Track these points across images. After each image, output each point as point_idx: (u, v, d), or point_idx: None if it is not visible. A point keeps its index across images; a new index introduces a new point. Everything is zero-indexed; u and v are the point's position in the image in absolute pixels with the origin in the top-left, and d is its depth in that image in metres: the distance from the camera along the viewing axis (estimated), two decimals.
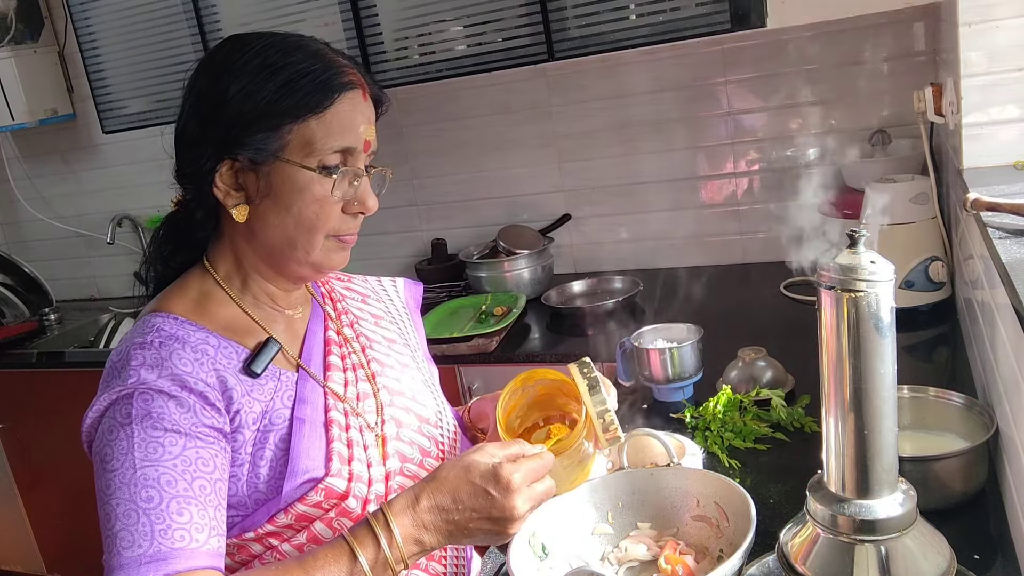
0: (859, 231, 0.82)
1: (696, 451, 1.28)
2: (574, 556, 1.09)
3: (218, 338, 0.99)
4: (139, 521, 0.83)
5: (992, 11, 1.37)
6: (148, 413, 0.88)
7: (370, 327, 1.19)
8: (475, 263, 2.63)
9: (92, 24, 3.25)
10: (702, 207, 2.63)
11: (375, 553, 0.85)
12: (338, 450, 0.99)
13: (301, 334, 1.09)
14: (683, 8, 2.46)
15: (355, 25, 2.80)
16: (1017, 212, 1.10)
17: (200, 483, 0.88)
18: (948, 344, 1.80)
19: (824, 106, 2.40)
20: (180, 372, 0.92)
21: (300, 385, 1.02)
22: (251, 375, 0.98)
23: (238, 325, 1.02)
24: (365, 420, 1.06)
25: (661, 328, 1.76)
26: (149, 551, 0.82)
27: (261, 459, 0.95)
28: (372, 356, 1.14)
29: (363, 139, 0.99)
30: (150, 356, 0.92)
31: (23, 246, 3.72)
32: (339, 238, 1.02)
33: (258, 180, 0.97)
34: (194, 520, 0.85)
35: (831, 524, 0.87)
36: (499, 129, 2.79)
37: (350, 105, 0.98)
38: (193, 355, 0.95)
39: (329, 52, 1.00)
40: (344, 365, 1.09)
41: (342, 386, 1.06)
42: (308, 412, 1.00)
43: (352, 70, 1.00)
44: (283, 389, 1.00)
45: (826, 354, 0.86)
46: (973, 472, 1.18)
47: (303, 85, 0.95)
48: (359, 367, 1.11)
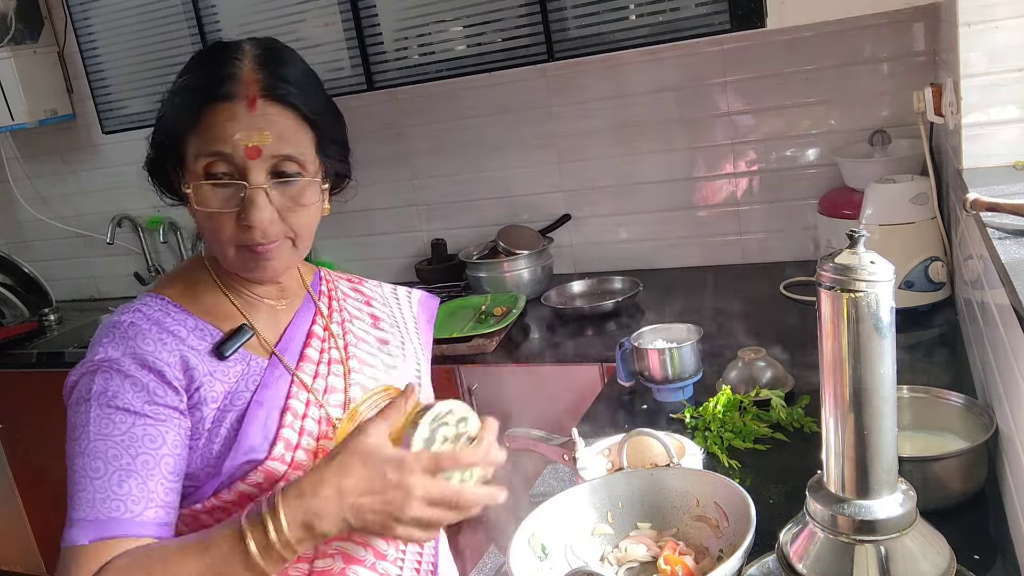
0: (859, 231, 0.82)
1: (696, 451, 1.28)
2: (574, 556, 1.09)
3: (197, 320, 1.05)
4: (87, 488, 0.92)
5: (992, 11, 1.37)
6: (105, 391, 0.96)
7: (364, 327, 1.20)
8: (475, 263, 2.63)
9: (92, 24, 3.25)
10: (702, 207, 2.63)
11: (263, 536, 0.87)
12: (286, 436, 1.03)
13: (283, 324, 1.12)
14: (683, 8, 2.46)
15: (355, 25, 2.80)
16: (1017, 212, 1.10)
17: (144, 458, 0.94)
18: (948, 344, 1.80)
19: (824, 106, 2.40)
20: (142, 351, 0.99)
21: (268, 372, 1.06)
22: (219, 357, 1.04)
23: (219, 310, 1.08)
24: (328, 412, 1.08)
25: (661, 328, 1.77)
26: (89, 516, 0.91)
27: (216, 436, 1.00)
28: (354, 354, 1.15)
29: (240, 147, 0.97)
30: (118, 334, 1.00)
31: (23, 246, 3.72)
32: (251, 249, 1.01)
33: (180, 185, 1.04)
34: (132, 492, 0.93)
35: (831, 524, 0.87)
36: (499, 129, 2.79)
37: (226, 115, 0.97)
38: (159, 335, 1.01)
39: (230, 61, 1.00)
40: (320, 359, 1.12)
41: (311, 377, 1.09)
42: (268, 396, 1.04)
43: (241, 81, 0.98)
44: (250, 374, 1.05)
45: (826, 354, 0.86)
46: (973, 472, 1.19)
47: (181, 102, 1.00)
48: (336, 362, 1.13)
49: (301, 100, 1.01)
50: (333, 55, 2.88)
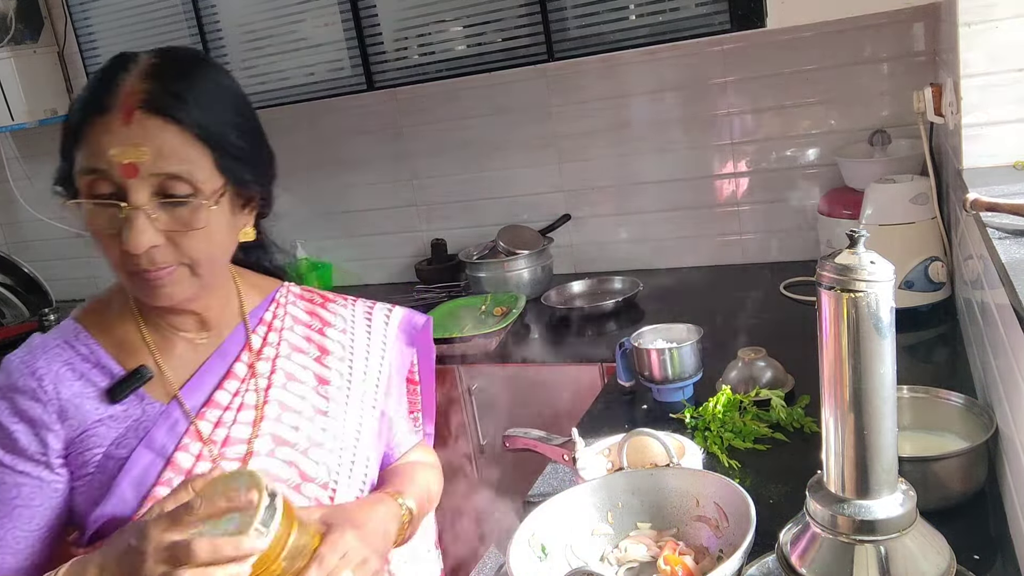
0: (859, 231, 0.82)
1: (696, 451, 1.28)
2: (574, 556, 1.09)
3: (101, 354, 1.00)
4: None
5: (992, 11, 1.37)
6: None
7: (303, 361, 1.09)
8: (475, 263, 2.63)
9: (92, 24, 3.25)
10: (702, 207, 2.63)
11: None
12: (159, 494, 0.94)
13: (199, 361, 1.04)
14: (683, 8, 2.46)
15: (355, 25, 2.80)
16: (1017, 212, 1.10)
17: None
18: (948, 344, 1.80)
19: (824, 106, 2.40)
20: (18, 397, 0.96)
21: (160, 419, 0.99)
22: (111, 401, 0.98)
23: (129, 344, 1.01)
24: (222, 467, 0.98)
25: (661, 328, 1.76)
26: None
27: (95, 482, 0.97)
28: (276, 397, 1.05)
29: (116, 163, 0.88)
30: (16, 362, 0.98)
31: (22, 246, 3.72)
32: (141, 276, 0.93)
33: None
34: None
35: (831, 524, 0.87)
36: (499, 129, 2.79)
37: (101, 129, 0.90)
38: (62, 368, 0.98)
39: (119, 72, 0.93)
40: (231, 403, 1.02)
41: (212, 425, 1.00)
42: (156, 447, 0.98)
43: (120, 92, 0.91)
44: (143, 419, 0.99)
45: (826, 354, 0.86)
46: (973, 472, 1.19)
47: (73, 114, 0.94)
48: (247, 408, 1.03)
49: (189, 114, 0.91)
50: (333, 55, 2.88)
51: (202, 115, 0.92)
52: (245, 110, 1.00)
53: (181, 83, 0.93)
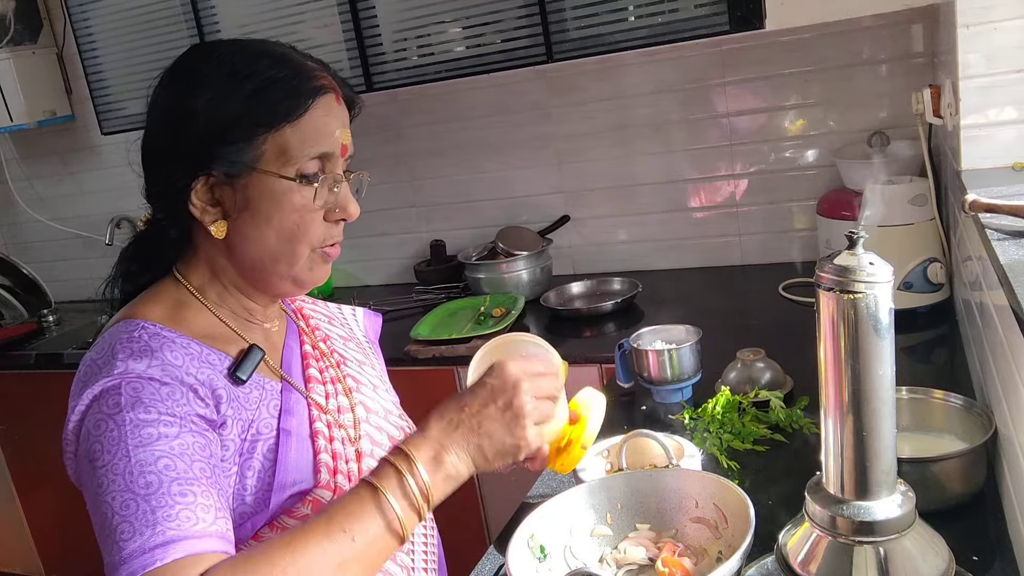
0: (858, 232, 0.82)
1: (695, 452, 1.28)
2: (572, 557, 1.09)
3: (199, 344, 0.94)
4: (139, 509, 0.77)
5: (990, 13, 1.37)
6: (139, 399, 0.83)
7: (340, 345, 1.17)
8: (474, 264, 2.63)
9: (91, 25, 3.25)
10: (701, 208, 2.63)
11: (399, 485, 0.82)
12: (325, 461, 0.97)
13: (279, 346, 1.06)
14: (682, 10, 2.46)
15: (354, 26, 2.80)
16: (1015, 214, 1.10)
17: (199, 465, 0.82)
18: (947, 346, 1.81)
19: (822, 108, 2.40)
20: (170, 363, 0.88)
21: (284, 395, 0.99)
22: (237, 382, 0.94)
23: (217, 333, 0.98)
24: (347, 433, 1.04)
25: (660, 329, 1.76)
26: (153, 538, 0.76)
27: (249, 469, 0.91)
28: (347, 372, 1.12)
29: (340, 143, 0.97)
30: (138, 347, 0.88)
31: (22, 247, 3.72)
32: (323, 251, 0.99)
33: (235, 194, 0.93)
34: (199, 500, 0.80)
35: (830, 525, 0.87)
36: (498, 130, 2.79)
37: (324, 110, 0.94)
38: (184, 352, 0.91)
39: (297, 56, 0.97)
40: (323, 378, 1.07)
41: (323, 398, 1.04)
42: (294, 424, 0.98)
43: (323, 74, 0.97)
44: (268, 398, 0.97)
45: (825, 355, 0.86)
46: (972, 473, 1.19)
47: (274, 92, 0.92)
48: (336, 381, 1.09)
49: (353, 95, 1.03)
50: (333, 56, 2.88)
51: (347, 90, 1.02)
52: None
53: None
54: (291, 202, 0.93)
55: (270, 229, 0.94)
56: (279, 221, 0.94)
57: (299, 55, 0.98)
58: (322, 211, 0.96)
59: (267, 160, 0.92)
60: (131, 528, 0.76)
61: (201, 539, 0.78)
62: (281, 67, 0.93)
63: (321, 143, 0.94)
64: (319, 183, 0.95)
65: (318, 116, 0.94)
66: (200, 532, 0.78)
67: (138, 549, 0.75)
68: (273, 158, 0.92)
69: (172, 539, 0.76)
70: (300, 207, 0.94)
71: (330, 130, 0.95)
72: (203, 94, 0.92)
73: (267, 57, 0.94)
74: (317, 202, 0.95)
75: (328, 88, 0.96)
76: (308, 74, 0.95)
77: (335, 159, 0.97)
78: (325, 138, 0.94)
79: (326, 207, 0.97)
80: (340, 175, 0.97)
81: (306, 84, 0.94)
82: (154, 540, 0.76)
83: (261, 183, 0.92)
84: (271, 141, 0.92)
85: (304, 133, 0.93)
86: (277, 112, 0.92)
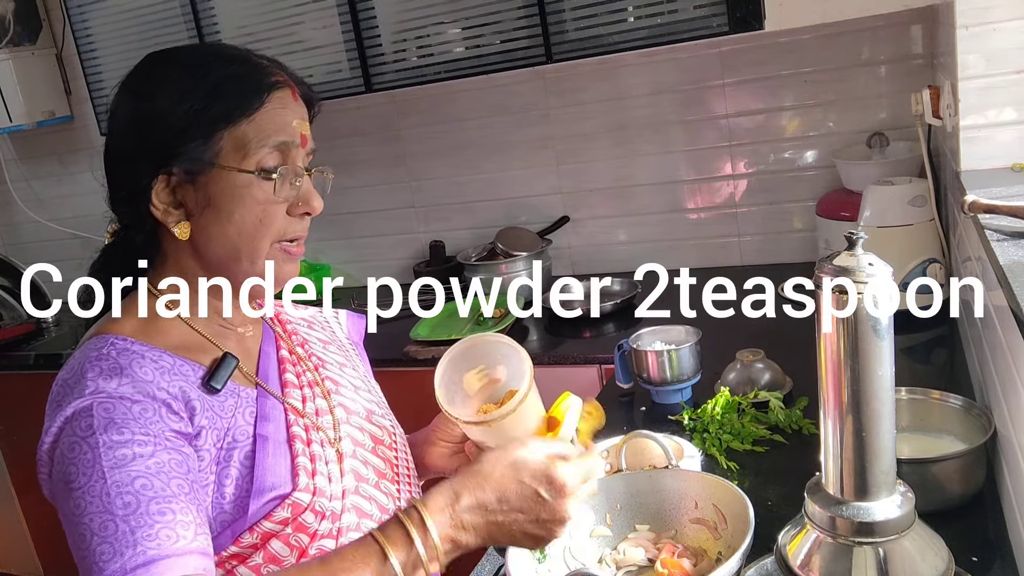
0: (857, 233, 0.82)
1: (694, 453, 1.28)
2: (572, 558, 1.09)
3: (172, 356, 0.94)
4: (119, 529, 0.78)
5: (989, 14, 1.37)
6: (111, 420, 0.83)
7: (320, 349, 1.16)
8: (473, 265, 2.63)
9: (90, 26, 3.25)
10: (700, 209, 2.63)
11: (407, 553, 0.81)
12: (303, 464, 0.97)
13: (255, 352, 1.06)
14: (681, 11, 2.47)
15: (353, 27, 2.80)
16: (1015, 214, 1.10)
17: (176, 482, 0.83)
18: (946, 346, 1.81)
19: (822, 108, 2.40)
20: (141, 379, 0.88)
21: (260, 401, 0.99)
22: (211, 391, 0.94)
23: (190, 343, 0.98)
24: (326, 435, 1.03)
25: (659, 330, 1.76)
26: (135, 558, 0.76)
27: (227, 478, 0.91)
28: (326, 375, 1.11)
29: (299, 133, 0.97)
30: (107, 366, 0.88)
31: (21, 248, 3.72)
32: (285, 248, 0.98)
33: (196, 192, 0.94)
34: (178, 518, 0.80)
35: (829, 526, 0.87)
36: (497, 131, 2.79)
37: (280, 103, 0.96)
38: (154, 366, 0.92)
39: (252, 56, 0.99)
40: (300, 382, 1.06)
41: (300, 402, 1.03)
42: (270, 429, 0.97)
43: (278, 71, 0.99)
44: (243, 405, 0.97)
45: (824, 356, 0.86)
46: (971, 474, 1.19)
47: (229, 88, 0.94)
48: (314, 384, 1.08)
49: (310, 93, 1.04)
50: (332, 57, 2.88)
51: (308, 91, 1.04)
52: None
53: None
54: (252, 196, 0.94)
55: (231, 226, 0.95)
56: (241, 216, 0.94)
57: (255, 56, 1.00)
58: (285, 205, 0.97)
59: (226, 155, 0.93)
60: (111, 549, 0.77)
61: (182, 557, 0.79)
62: (236, 65, 0.96)
63: (279, 133, 0.95)
64: (279, 176, 0.95)
65: (274, 109, 0.95)
66: (180, 550, 0.79)
67: (119, 569, 0.76)
68: (232, 153, 0.93)
69: (153, 558, 0.77)
70: (262, 200, 0.95)
71: (287, 121, 0.96)
72: (160, 96, 0.94)
73: (220, 58, 0.97)
74: (278, 195, 0.96)
75: (283, 83, 0.97)
76: (262, 71, 0.97)
77: (295, 151, 0.97)
78: (283, 128, 0.96)
79: (288, 200, 0.97)
80: (301, 168, 0.98)
81: (260, 79, 0.96)
82: (135, 560, 0.76)
83: (222, 179, 0.93)
84: (229, 137, 0.93)
85: (261, 126, 0.94)
86: (233, 108, 0.93)
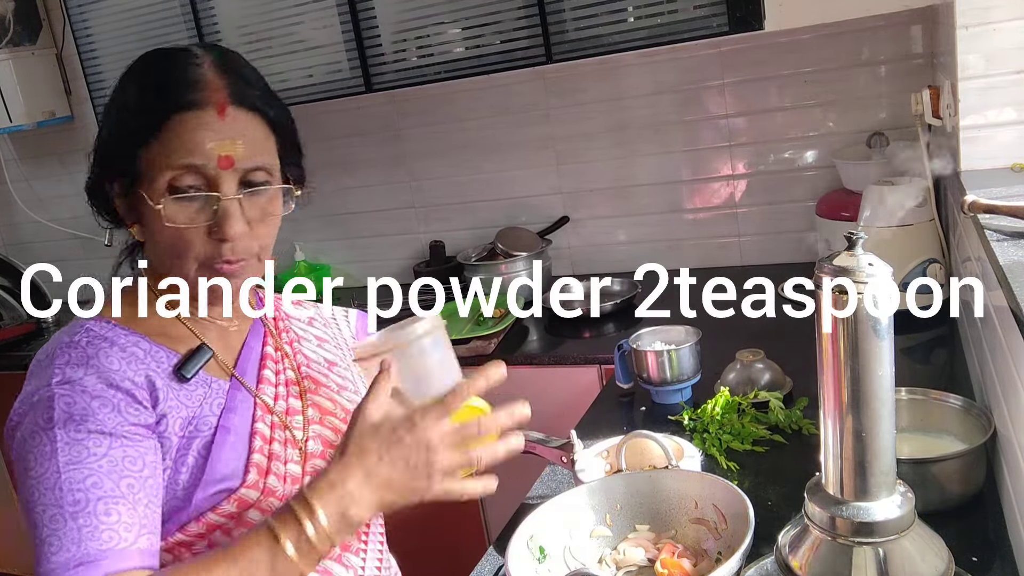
0: (857, 233, 0.82)
1: (694, 453, 1.28)
2: (572, 558, 1.09)
3: (149, 342, 0.98)
4: (67, 525, 0.83)
5: (989, 14, 1.38)
6: (71, 416, 0.88)
7: (311, 348, 1.16)
8: (473, 265, 2.63)
9: (90, 26, 3.25)
10: (700, 209, 2.63)
11: (297, 535, 0.83)
12: (257, 461, 0.98)
13: (237, 346, 1.07)
14: (681, 11, 2.47)
15: (353, 27, 2.80)
16: (1014, 214, 1.10)
17: (128, 482, 0.87)
18: (946, 346, 1.81)
19: (822, 108, 2.40)
20: (106, 369, 0.92)
21: (231, 394, 1.01)
22: (181, 379, 0.97)
23: (170, 331, 1.01)
24: (292, 434, 1.04)
25: (659, 330, 1.77)
26: (77, 554, 0.82)
27: (183, 465, 0.94)
28: (308, 374, 1.12)
29: (214, 156, 0.91)
30: (76, 355, 0.92)
31: (20, 248, 3.72)
32: (217, 268, 0.96)
33: (129, 205, 0.97)
34: (123, 519, 0.85)
35: (829, 526, 0.87)
36: (497, 131, 2.79)
37: (194, 124, 0.91)
38: (122, 355, 0.94)
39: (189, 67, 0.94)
40: (276, 380, 1.07)
41: (272, 399, 1.05)
42: (235, 421, 0.99)
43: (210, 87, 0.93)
44: (213, 397, 0.99)
45: (824, 356, 0.86)
46: (971, 474, 1.19)
47: (139, 107, 0.93)
48: (292, 383, 1.09)
49: (266, 105, 0.97)
50: (332, 57, 2.88)
51: (271, 105, 0.98)
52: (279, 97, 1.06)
53: (251, 75, 0.98)
54: (160, 218, 0.92)
55: (155, 243, 0.97)
56: (159, 235, 0.94)
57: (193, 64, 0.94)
58: (203, 228, 0.94)
59: (144, 174, 0.93)
60: (58, 543, 0.83)
61: (120, 558, 0.83)
62: (158, 77, 0.94)
63: (186, 155, 0.91)
64: (190, 200, 0.92)
65: (184, 130, 0.91)
66: (121, 550, 0.84)
67: (63, 563, 0.82)
68: (146, 172, 0.93)
69: (95, 557, 0.82)
70: (171, 222, 0.93)
71: (198, 143, 0.91)
72: (109, 106, 0.98)
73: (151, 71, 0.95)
74: (182, 219, 0.92)
75: (201, 103, 0.92)
76: (182, 87, 0.92)
77: (215, 174, 0.92)
78: (192, 150, 0.91)
79: (203, 224, 0.94)
80: (216, 194, 0.93)
81: (170, 99, 0.92)
82: (78, 557, 0.82)
83: (141, 197, 0.94)
84: (144, 156, 0.93)
85: (167, 147, 0.92)
86: (141, 127, 0.92)
